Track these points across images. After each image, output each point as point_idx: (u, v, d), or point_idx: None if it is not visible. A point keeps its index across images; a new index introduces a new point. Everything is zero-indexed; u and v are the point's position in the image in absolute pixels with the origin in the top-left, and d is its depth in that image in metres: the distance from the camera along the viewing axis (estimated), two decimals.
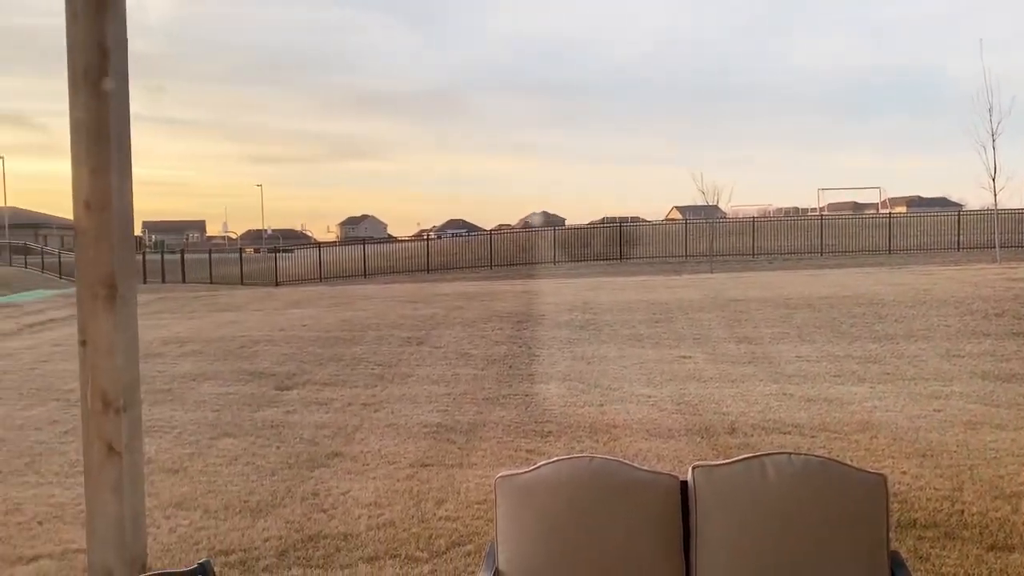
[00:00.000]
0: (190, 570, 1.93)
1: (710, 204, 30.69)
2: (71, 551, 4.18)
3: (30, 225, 64.07)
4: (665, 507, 2.31)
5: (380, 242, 43.79)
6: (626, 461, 2.41)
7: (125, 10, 2.50)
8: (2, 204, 59.06)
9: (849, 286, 15.19)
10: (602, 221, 47.60)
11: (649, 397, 7.40)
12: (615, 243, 32.04)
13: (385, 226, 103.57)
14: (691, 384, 7.89)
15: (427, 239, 40.09)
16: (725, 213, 36.60)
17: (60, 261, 35.31)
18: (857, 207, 57.66)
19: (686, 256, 30.13)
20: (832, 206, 56.27)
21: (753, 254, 30.09)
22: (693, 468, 2.36)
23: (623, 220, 44.27)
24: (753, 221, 33.89)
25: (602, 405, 7.16)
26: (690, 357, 9.22)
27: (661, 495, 2.32)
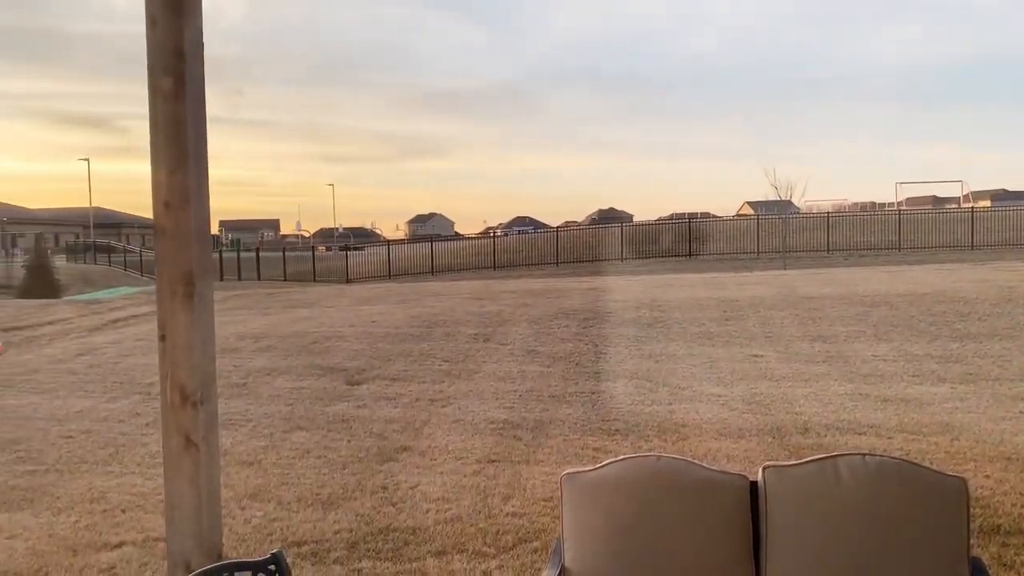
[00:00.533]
0: (263, 560, 1.98)
1: (783, 199, 30.00)
2: (152, 539, 4.34)
3: (113, 224, 66.71)
4: (734, 508, 2.28)
5: (447, 240, 44.14)
6: (694, 460, 2.38)
7: (201, 16, 2.58)
8: (88, 204, 61.58)
9: (929, 283, 14.68)
10: (671, 217, 47.02)
11: (719, 396, 7.29)
12: (684, 239, 31.63)
13: (452, 224, 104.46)
14: (762, 383, 7.73)
15: (493, 236, 40.26)
16: (799, 208, 35.78)
17: (141, 259, 36.65)
18: (937, 201, 55.55)
19: (758, 253, 29.54)
20: (911, 200, 54.39)
21: (828, 250, 29.32)
22: (763, 468, 2.31)
23: (692, 216, 43.68)
24: (828, 216, 32.99)
25: (670, 404, 7.09)
26: (761, 356, 9.04)
27: (730, 495, 2.29)
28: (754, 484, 2.31)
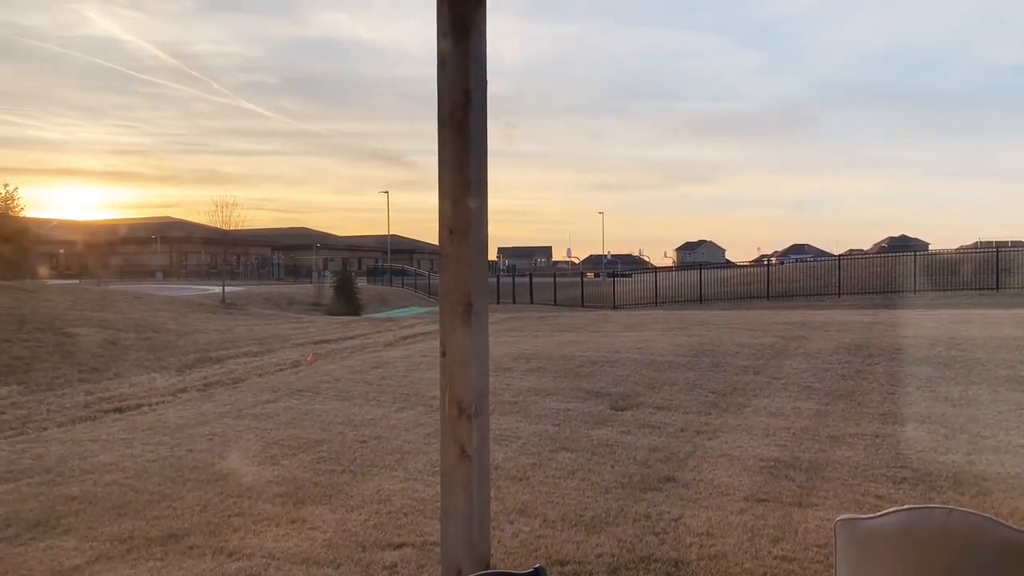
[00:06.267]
0: (526, 573, 2.04)
1: None
2: (428, 543, 4.66)
3: (406, 250, 73.16)
4: None
5: (717, 267, 43.14)
6: (995, 518, 2.10)
7: (486, 56, 2.77)
8: (386, 232, 68.07)
9: None
10: (974, 245, 42.24)
11: None
12: (990, 270, 28.21)
13: (723, 251, 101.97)
14: None
15: (768, 264, 38.64)
16: None
17: (429, 282, 39.83)
18: None
19: None
20: None
21: None
22: None
23: (1001, 244, 38.86)
24: None
25: (970, 454, 6.32)
26: None
27: None
28: None
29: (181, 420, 8.38)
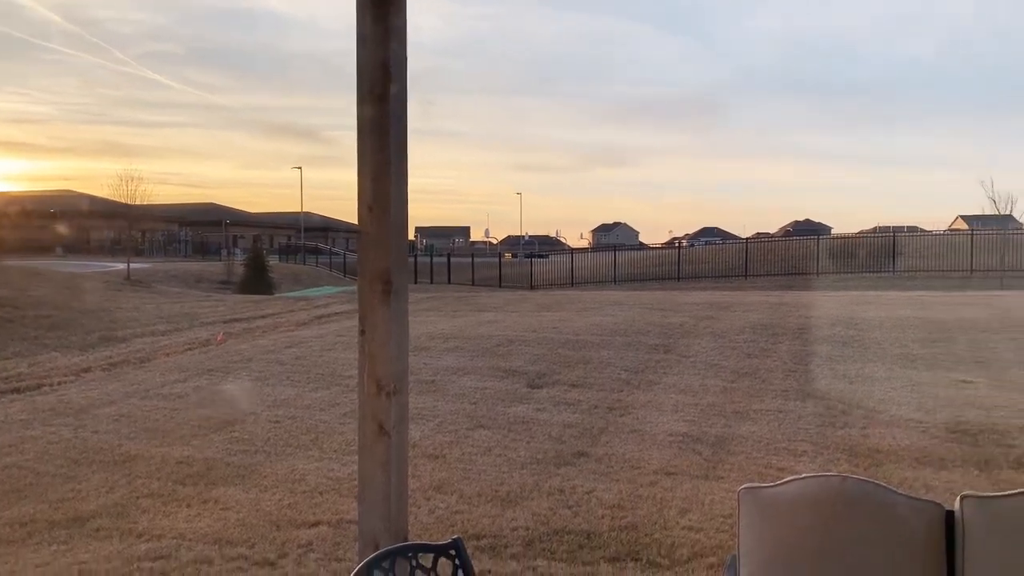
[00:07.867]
0: (444, 544, 2.09)
1: (1003, 214, 27.36)
2: (345, 520, 4.66)
3: (321, 228, 71.70)
4: (926, 538, 2.13)
5: (631, 249, 43.94)
6: (882, 484, 2.25)
7: (406, 32, 2.76)
8: (299, 209, 66.54)
9: None
10: (874, 230, 44.23)
11: (919, 423, 6.79)
12: (887, 254, 29.62)
13: (637, 233, 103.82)
14: (970, 411, 7.12)
15: (679, 247, 39.62)
16: (1022, 224, 32.45)
17: (345, 261, 39.22)
18: None
19: (971, 271, 27.12)
20: None
21: None
22: (961, 498, 2.15)
23: (898, 229, 40.85)
24: None
25: (864, 428, 6.68)
26: (971, 382, 8.32)
27: (922, 525, 2.14)
28: (950, 514, 2.15)
29: (85, 400, 8.09)
